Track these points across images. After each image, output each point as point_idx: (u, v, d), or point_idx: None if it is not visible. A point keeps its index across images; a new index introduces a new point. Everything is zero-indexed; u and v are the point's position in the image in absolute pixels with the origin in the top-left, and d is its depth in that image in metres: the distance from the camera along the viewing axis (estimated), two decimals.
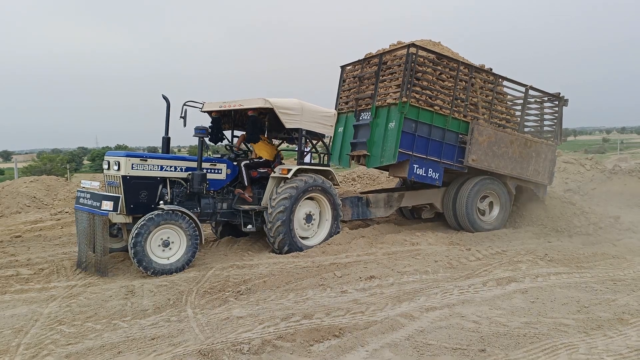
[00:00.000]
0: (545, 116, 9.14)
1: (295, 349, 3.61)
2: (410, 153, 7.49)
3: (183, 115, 6.81)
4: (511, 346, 3.59)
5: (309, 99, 7.06)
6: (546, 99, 9.09)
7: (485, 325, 3.99)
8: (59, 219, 9.77)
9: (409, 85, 7.31)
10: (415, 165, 7.56)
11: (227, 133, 7.84)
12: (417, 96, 7.49)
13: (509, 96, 8.80)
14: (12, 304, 4.80)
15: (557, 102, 9.04)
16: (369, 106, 7.98)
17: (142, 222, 5.62)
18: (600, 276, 5.51)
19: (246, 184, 6.87)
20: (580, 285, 5.15)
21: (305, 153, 7.36)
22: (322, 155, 7.60)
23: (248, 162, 7.01)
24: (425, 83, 7.59)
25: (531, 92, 8.71)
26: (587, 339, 3.72)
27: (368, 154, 7.82)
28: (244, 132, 7.64)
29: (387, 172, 10.59)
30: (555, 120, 9.08)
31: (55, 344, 3.85)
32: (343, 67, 9.01)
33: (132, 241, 5.54)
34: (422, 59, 7.56)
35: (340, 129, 8.72)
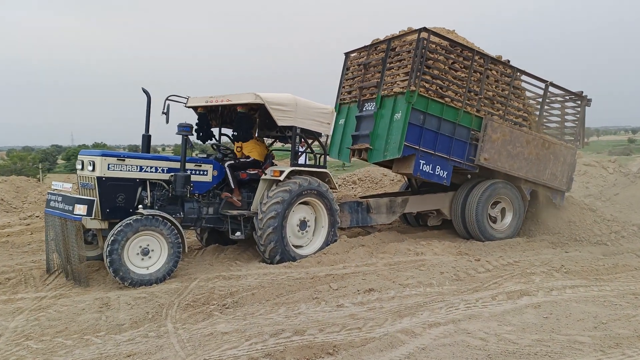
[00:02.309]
0: (566, 116, 9.21)
1: None
2: (417, 147, 7.51)
3: (165, 110, 6.83)
4: None
5: (305, 96, 7.10)
6: (567, 97, 9.15)
7: (493, 343, 4.02)
8: (28, 224, 9.78)
9: (418, 73, 7.34)
10: (422, 161, 7.58)
11: (215, 131, 7.85)
12: (427, 85, 7.52)
13: (527, 92, 8.84)
14: None
15: (579, 102, 9.10)
16: (374, 96, 8.01)
17: (119, 228, 5.63)
18: (620, 290, 5.55)
19: (233, 187, 6.90)
20: (598, 299, 5.19)
21: (299, 153, 7.38)
22: (318, 156, 7.62)
23: (233, 162, 7.04)
24: (436, 72, 7.63)
25: (551, 89, 8.77)
26: (604, 357, 3.75)
27: (370, 147, 7.84)
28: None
29: (390, 172, 10.60)
30: (577, 121, 9.14)
31: None
32: (347, 54, 9.05)
33: (108, 249, 5.55)
34: (434, 46, 7.60)
35: (342, 121, 8.76)
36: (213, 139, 7.67)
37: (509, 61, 8.52)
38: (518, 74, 8.43)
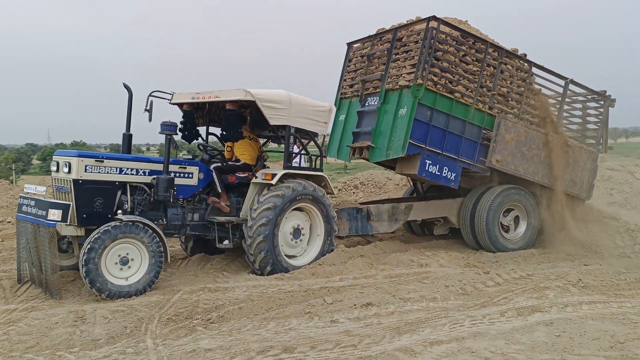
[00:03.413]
0: (588, 118, 9.29)
1: None
2: (423, 146, 7.60)
3: (148, 107, 6.94)
4: None
5: (301, 92, 7.20)
6: (589, 97, 9.23)
7: None
8: None
9: (426, 65, 7.43)
10: (428, 161, 7.67)
11: (202, 130, 7.95)
12: (435, 79, 7.61)
13: (545, 89, 8.91)
14: None
15: (602, 102, 9.18)
16: (377, 89, 8.11)
17: (96, 236, 5.71)
18: None
19: (220, 191, 6.99)
20: (617, 316, 5.25)
21: (294, 155, 7.46)
22: (314, 158, 7.72)
23: (221, 164, 7.12)
24: (445, 64, 7.72)
25: (572, 87, 8.85)
26: None
27: (372, 145, 7.93)
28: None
29: (395, 176, 10.61)
30: (599, 123, 9.22)
31: None
32: (350, 45, 9.16)
33: (84, 258, 5.63)
34: (443, 36, 7.70)
35: (342, 117, 8.88)
36: (199, 138, 7.78)
37: (525, 55, 8.61)
38: (535, 69, 8.50)
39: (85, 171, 6.08)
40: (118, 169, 6.31)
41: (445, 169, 7.84)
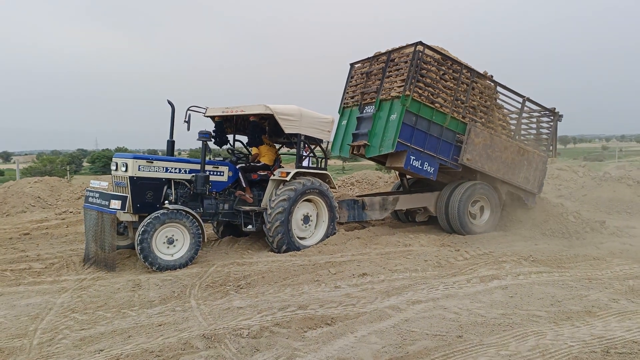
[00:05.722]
0: (541, 129, 9.57)
1: (291, 335, 4.01)
2: (409, 145, 7.86)
3: (187, 119, 7.19)
4: (486, 333, 3.99)
5: (307, 104, 7.46)
6: (542, 112, 9.51)
7: (464, 316, 4.38)
8: (63, 218, 10.15)
9: (413, 80, 7.70)
10: (412, 157, 7.94)
11: (230, 137, 8.20)
12: (420, 92, 7.87)
13: (506, 104, 9.19)
14: (26, 295, 5.20)
15: (552, 117, 9.47)
16: (374, 100, 8.37)
17: (148, 221, 5.99)
18: (578, 275, 5.88)
19: (245, 186, 7.25)
20: (558, 282, 5.52)
21: (303, 157, 7.76)
22: (319, 160, 7.98)
23: (244, 165, 7.42)
24: (428, 80, 8.00)
25: (528, 104, 9.12)
26: (556, 327, 4.11)
27: (368, 143, 8.21)
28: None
29: (385, 175, 10.83)
30: (550, 134, 9.49)
31: (69, 329, 4.25)
32: (352, 65, 9.43)
33: (139, 238, 5.92)
34: (428, 58, 7.98)
35: (344, 122, 9.15)
36: (228, 144, 8.04)
37: (492, 76, 8.88)
38: (500, 87, 8.78)
39: (139, 170, 6.36)
40: (165, 168, 6.58)
41: (426, 164, 8.10)
